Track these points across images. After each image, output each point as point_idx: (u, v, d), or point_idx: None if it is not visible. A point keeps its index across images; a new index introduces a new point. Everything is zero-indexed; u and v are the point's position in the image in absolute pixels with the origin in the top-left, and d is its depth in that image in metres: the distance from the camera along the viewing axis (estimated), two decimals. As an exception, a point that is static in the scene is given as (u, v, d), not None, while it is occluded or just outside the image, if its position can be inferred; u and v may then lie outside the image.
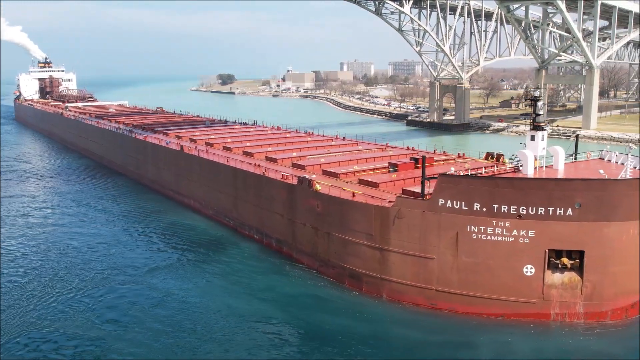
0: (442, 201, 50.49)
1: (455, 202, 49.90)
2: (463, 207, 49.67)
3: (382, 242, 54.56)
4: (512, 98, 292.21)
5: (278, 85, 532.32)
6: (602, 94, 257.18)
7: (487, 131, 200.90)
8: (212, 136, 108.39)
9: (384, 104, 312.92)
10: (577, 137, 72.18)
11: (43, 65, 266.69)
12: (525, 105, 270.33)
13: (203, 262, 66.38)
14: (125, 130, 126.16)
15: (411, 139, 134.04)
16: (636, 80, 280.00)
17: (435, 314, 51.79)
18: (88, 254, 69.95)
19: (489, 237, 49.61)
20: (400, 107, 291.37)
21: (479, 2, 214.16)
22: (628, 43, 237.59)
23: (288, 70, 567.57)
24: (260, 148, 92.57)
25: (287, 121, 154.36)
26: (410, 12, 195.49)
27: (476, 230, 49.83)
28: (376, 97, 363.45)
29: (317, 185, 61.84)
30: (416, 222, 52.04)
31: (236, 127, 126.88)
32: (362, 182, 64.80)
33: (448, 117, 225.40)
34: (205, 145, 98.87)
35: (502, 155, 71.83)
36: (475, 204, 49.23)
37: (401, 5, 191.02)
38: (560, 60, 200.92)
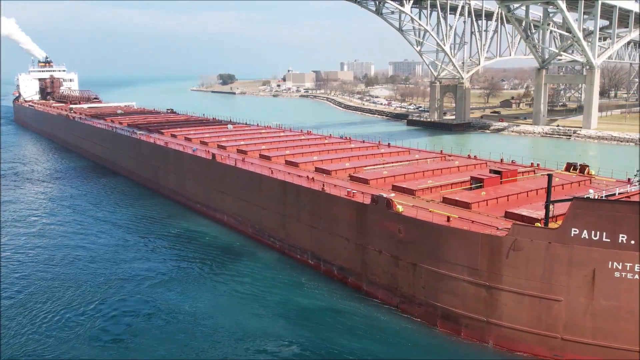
0: (575, 231, 40.79)
1: (593, 232, 40.18)
2: (604, 239, 39.96)
3: (490, 279, 44.54)
4: (512, 98, 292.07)
5: (278, 85, 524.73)
6: (603, 93, 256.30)
7: (487, 131, 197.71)
8: (242, 142, 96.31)
9: (384, 104, 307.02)
10: None
11: (43, 64, 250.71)
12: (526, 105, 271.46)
13: (250, 293, 56.05)
14: (141, 134, 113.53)
15: (413, 139, 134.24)
16: (637, 80, 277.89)
17: None
18: (99, 264, 64.18)
19: (637, 277, 39.88)
20: (401, 107, 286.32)
21: (480, 1, 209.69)
22: (628, 43, 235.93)
23: (288, 70, 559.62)
24: (302, 157, 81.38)
25: (290, 121, 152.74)
26: (411, 12, 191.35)
27: (620, 268, 40.16)
28: (376, 97, 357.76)
29: (399, 207, 51.11)
30: (539, 255, 42.30)
31: (263, 131, 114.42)
32: (447, 201, 54.58)
33: (449, 117, 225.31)
34: (237, 153, 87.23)
35: (587, 166, 63.42)
36: (620, 235, 39.39)
37: (401, 5, 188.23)
38: (560, 59, 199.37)
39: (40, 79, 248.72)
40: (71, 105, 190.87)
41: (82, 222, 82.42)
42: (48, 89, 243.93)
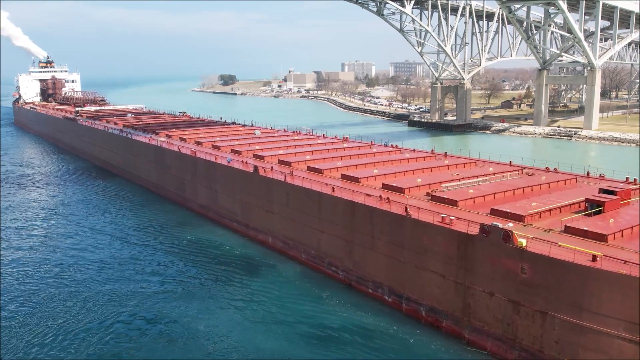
0: None
1: None
2: None
3: None
4: (513, 98, 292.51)
5: (279, 86, 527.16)
6: (604, 94, 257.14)
7: (488, 131, 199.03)
8: (281, 152, 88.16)
9: (385, 105, 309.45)
10: None
11: (44, 65, 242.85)
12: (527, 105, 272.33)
13: (308, 331, 48.87)
14: (162, 141, 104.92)
15: (414, 140, 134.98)
16: (637, 80, 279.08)
17: None
18: (115, 278, 61.10)
19: None
20: (402, 108, 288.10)
21: (481, 2, 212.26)
22: (629, 43, 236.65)
23: (289, 71, 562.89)
24: (357, 170, 72.18)
25: (292, 122, 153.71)
26: (412, 13, 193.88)
27: None
28: (377, 97, 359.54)
29: (522, 240, 42.05)
30: None
31: (296, 137, 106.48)
32: (572, 231, 45.11)
33: (450, 117, 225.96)
34: (280, 165, 78.99)
35: None
36: None
37: (402, 5, 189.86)
38: (561, 60, 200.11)
39: (41, 80, 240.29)
40: (77, 108, 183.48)
41: (97, 236, 77.91)
42: (50, 91, 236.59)
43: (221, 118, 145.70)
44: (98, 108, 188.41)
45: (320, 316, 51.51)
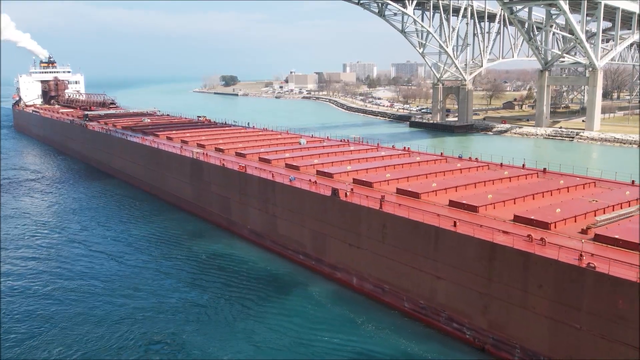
0: None
1: None
2: None
3: None
4: (515, 99, 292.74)
5: (281, 87, 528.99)
6: (606, 95, 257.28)
7: (490, 132, 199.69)
8: (349, 167, 74.28)
9: (386, 106, 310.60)
10: None
11: (46, 65, 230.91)
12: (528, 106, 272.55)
13: None
14: (198, 153, 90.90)
15: (416, 141, 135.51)
16: (639, 81, 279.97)
17: None
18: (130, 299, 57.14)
19: None
20: (403, 109, 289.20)
21: (482, 3, 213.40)
22: (631, 44, 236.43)
23: (291, 72, 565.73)
24: (458, 193, 59.86)
25: (295, 123, 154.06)
26: (414, 14, 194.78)
27: None
28: (379, 98, 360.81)
29: None
30: None
31: (353, 149, 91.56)
32: None
33: (451, 118, 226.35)
34: (356, 185, 65.51)
35: None
36: None
37: (404, 6, 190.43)
38: (563, 61, 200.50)
39: (42, 81, 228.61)
40: (86, 112, 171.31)
41: (123, 255, 71.41)
42: (52, 92, 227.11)
43: (248, 123, 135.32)
44: (109, 112, 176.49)
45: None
